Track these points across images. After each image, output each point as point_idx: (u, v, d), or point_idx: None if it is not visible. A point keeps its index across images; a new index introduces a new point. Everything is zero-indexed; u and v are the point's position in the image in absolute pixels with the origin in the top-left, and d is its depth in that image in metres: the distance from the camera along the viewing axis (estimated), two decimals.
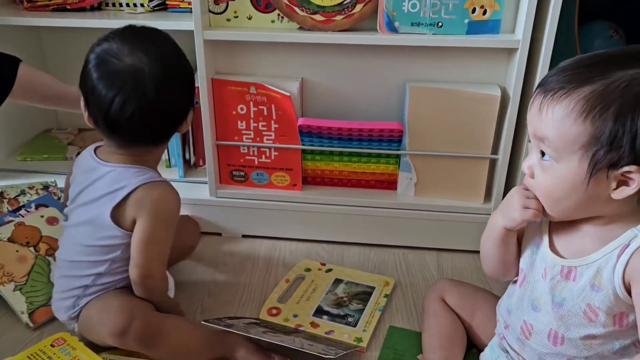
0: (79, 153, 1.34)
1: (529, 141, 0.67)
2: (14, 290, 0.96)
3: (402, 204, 1.13)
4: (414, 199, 1.14)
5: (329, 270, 1.09)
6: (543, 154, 0.64)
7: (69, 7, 1.21)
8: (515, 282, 0.75)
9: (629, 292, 0.61)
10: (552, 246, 0.69)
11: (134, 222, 0.82)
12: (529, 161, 0.66)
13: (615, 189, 0.59)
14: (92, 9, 1.23)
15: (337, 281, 1.05)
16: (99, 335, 0.82)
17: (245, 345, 0.85)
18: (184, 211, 1.19)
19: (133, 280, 0.84)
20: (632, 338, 0.64)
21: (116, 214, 0.82)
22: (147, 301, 0.86)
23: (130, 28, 0.83)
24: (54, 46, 1.46)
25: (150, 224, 0.81)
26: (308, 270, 1.09)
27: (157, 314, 0.86)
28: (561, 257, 0.67)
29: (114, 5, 1.24)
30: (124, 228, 0.83)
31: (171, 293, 0.94)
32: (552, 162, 0.63)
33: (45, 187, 1.19)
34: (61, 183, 1.21)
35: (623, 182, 0.59)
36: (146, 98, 0.78)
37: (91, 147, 0.89)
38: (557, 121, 0.60)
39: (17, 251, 1.00)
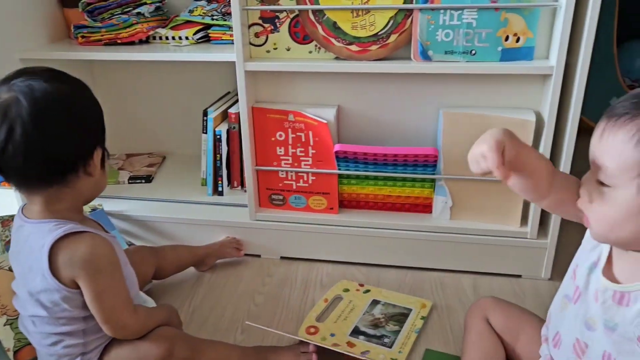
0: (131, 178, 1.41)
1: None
2: (4, 325, 0.92)
3: (438, 227, 1.15)
4: (450, 223, 1.15)
5: (367, 291, 1.11)
6: (601, 181, 0.62)
7: (119, 41, 1.29)
8: (565, 296, 0.73)
9: None
10: (607, 269, 0.67)
11: (74, 282, 0.77)
12: (587, 186, 0.65)
13: None
14: (141, 42, 1.31)
15: (375, 302, 1.07)
16: None
17: (289, 351, 0.89)
18: (225, 232, 1.25)
19: (111, 335, 0.82)
20: None
21: (56, 276, 0.76)
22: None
23: (21, 70, 0.78)
24: (104, 78, 1.55)
25: (93, 281, 0.76)
26: (346, 290, 1.12)
27: (192, 336, 0.89)
28: (616, 281, 0.65)
29: (160, 38, 1.32)
30: (72, 288, 0.77)
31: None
32: (609, 189, 0.61)
33: (93, 209, 1.25)
34: (107, 207, 1.29)
35: None
36: (14, 132, 0.72)
37: (19, 207, 0.84)
38: (616, 146, 0.58)
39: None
